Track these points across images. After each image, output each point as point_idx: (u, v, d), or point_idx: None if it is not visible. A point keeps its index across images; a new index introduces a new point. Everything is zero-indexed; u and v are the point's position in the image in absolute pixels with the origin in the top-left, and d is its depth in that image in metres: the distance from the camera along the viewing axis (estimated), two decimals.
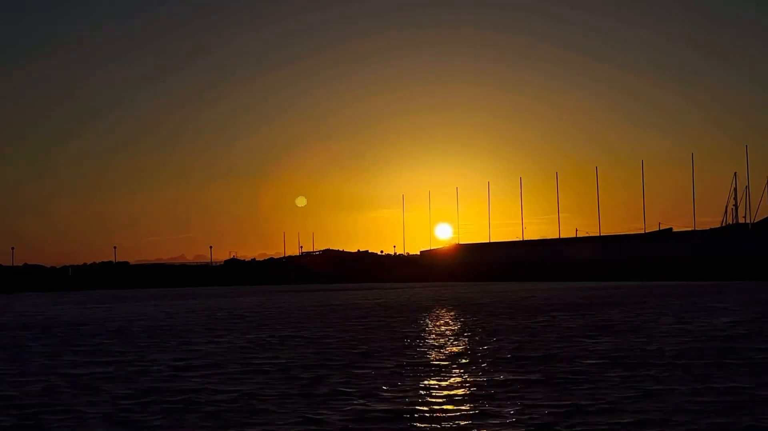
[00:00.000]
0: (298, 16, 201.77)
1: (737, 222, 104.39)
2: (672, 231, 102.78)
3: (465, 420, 12.45)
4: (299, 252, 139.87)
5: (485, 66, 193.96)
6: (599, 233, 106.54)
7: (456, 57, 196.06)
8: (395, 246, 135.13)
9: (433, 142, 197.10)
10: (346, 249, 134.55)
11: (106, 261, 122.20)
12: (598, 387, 15.18)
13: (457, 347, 22.33)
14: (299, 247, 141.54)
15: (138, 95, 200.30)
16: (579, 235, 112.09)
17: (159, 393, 15.47)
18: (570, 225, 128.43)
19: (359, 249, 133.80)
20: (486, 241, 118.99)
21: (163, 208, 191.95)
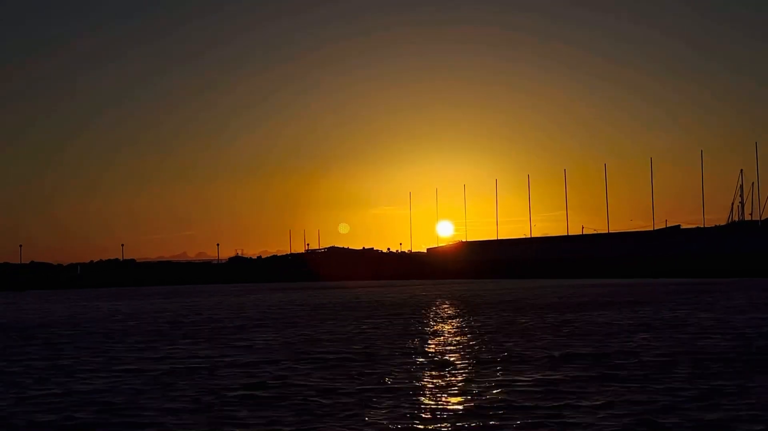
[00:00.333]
0: (301, 12, 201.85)
1: (743, 220, 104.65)
2: (680, 228, 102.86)
3: (561, 416, 12.61)
4: (304, 250, 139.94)
5: (493, 64, 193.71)
6: (608, 230, 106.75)
7: (462, 54, 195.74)
8: (401, 244, 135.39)
9: (440, 139, 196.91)
10: (351, 247, 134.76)
11: (112, 259, 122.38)
12: (674, 383, 15.35)
13: (507, 345, 22.24)
14: (305, 245, 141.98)
15: (141, 93, 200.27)
16: (585, 233, 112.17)
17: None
18: (576, 223, 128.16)
19: (364, 247, 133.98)
20: (493, 238, 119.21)
21: (165, 205, 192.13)
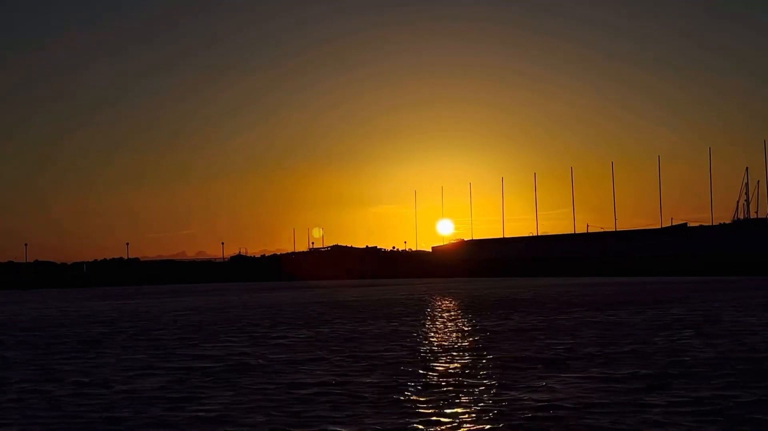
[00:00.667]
0: (300, 9, 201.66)
1: (748, 218, 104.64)
2: (687, 226, 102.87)
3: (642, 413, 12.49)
4: (308, 248, 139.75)
5: (498, 61, 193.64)
6: (615, 228, 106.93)
7: (468, 51, 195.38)
8: (406, 242, 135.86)
9: (445, 137, 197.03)
10: (354, 245, 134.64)
11: (116, 257, 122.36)
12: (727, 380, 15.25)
13: (549, 342, 21.88)
14: (310, 243, 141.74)
15: (141, 91, 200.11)
16: (591, 231, 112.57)
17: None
18: (581, 222, 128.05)
19: (367, 245, 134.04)
20: (500, 237, 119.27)
21: (164, 204, 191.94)
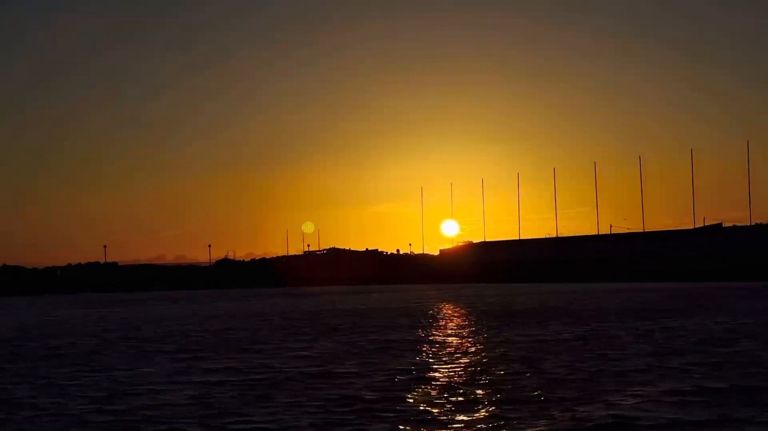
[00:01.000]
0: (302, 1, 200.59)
1: None
2: (722, 226, 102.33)
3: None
4: (302, 252, 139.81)
5: (516, 46, 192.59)
6: (643, 229, 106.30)
7: (483, 35, 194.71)
8: (411, 245, 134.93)
9: (453, 129, 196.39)
10: (353, 248, 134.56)
11: (93, 262, 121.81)
12: None
13: (603, 353, 21.75)
14: (306, 246, 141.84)
15: (118, 87, 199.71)
16: (615, 231, 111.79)
17: None
18: (604, 222, 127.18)
19: (367, 248, 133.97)
20: (515, 238, 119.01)
21: (142, 203, 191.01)
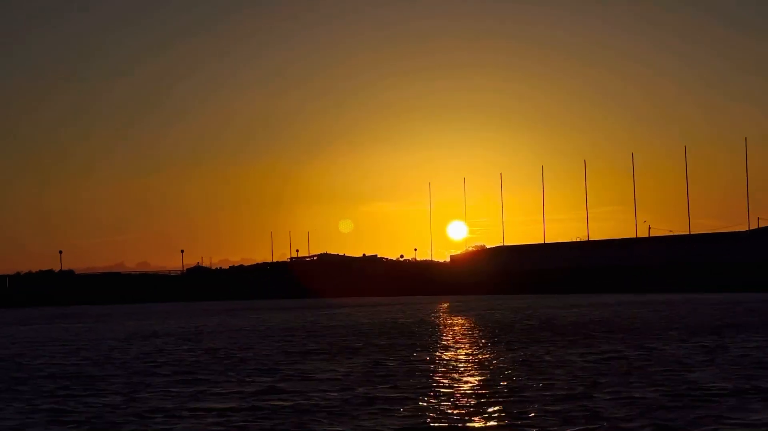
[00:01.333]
0: None
1: None
2: None
3: None
4: (289, 258, 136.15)
5: (542, 22, 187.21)
6: (688, 231, 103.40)
7: (502, 9, 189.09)
8: (416, 250, 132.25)
9: (465, 116, 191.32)
10: (347, 254, 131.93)
11: (46, 270, 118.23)
12: None
13: (681, 376, 20.89)
14: (294, 251, 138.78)
15: (67, 69, 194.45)
16: (655, 234, 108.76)
17: None
18: (642, 222, 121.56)
19: (365, 254, 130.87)
20: (539, 242, 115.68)
21: (98, 203, 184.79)
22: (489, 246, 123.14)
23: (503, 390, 19.15)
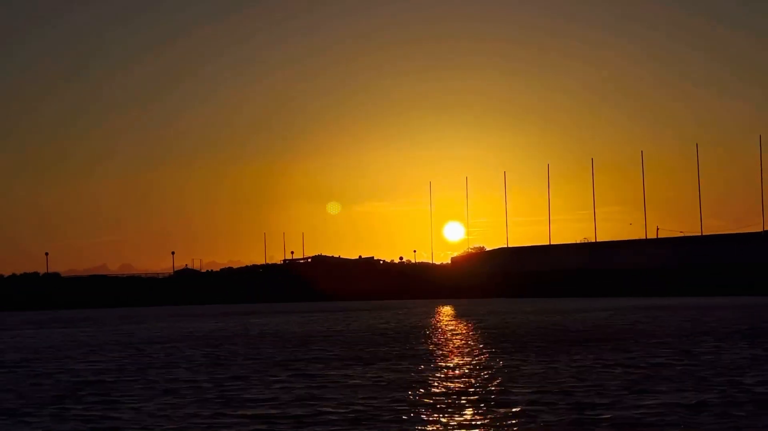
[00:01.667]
0: None
1: None
2: None
3: None
4: (282, 260, 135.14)
5: (548, 17, 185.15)
6: (700, 232, 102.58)
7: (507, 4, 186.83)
8: (415, 251, 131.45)
9: (468, 112, 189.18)
10: (342, 256, 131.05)
11: (30, 272, 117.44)
12: None
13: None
14: (290, 253, 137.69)
15: (52, 59, 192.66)
16: (664, 236, 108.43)
17: None
18: (651, 223, 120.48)
19: (361, 256, 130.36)
20: (545, 244, 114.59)
21: (80, 202, 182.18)
22: (489, 248, 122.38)
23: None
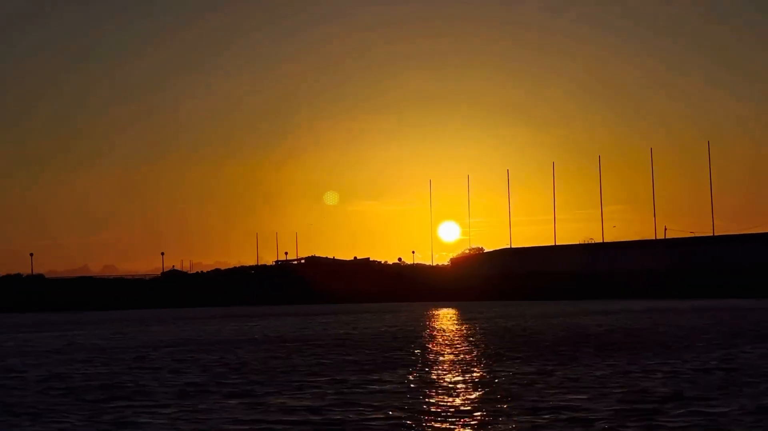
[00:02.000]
0: None
1: None
2: None
3: None
4: (274, 262, 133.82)
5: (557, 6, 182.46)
6: (712, 233, 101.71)
7: None
8: (414, 252, 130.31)
9: (471, 107, 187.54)
10: (337, 257, 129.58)
11: (13, 274, 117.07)
12: None
13: None
14: (284, 254, 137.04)
15: (33, 49, 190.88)
16: (672, 236, 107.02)
17: None
18: (660, 222, 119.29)
19: (355, 257, 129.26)
20: (550, 244, 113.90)
21: (65, 200, 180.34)
22: (488, 249, 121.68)
23: None
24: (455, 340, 38.91)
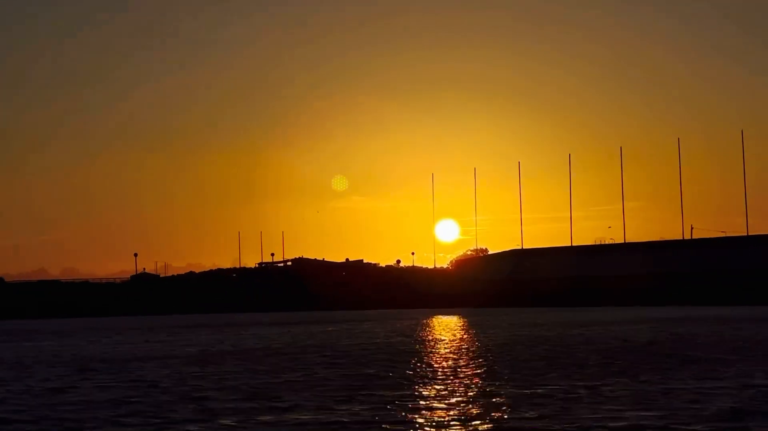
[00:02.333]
0: None
1: None
2: None
3: None
4: (257, 264, 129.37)
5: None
6: (746, 232, 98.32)
7: None
8: (413, 253, 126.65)
9: (476, 95, 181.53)
10: (328, 259, 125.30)
11: None
12: None
13: None
14: (270, 255, 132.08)
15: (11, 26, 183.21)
16: (700, 236, 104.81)
17: None
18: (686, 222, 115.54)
19: (348, 258, 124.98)
20: (566, 245, 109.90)
21: (12, 196, 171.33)
22: (492, 251, 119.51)
23: None
24: (483, 353, 31.77)
